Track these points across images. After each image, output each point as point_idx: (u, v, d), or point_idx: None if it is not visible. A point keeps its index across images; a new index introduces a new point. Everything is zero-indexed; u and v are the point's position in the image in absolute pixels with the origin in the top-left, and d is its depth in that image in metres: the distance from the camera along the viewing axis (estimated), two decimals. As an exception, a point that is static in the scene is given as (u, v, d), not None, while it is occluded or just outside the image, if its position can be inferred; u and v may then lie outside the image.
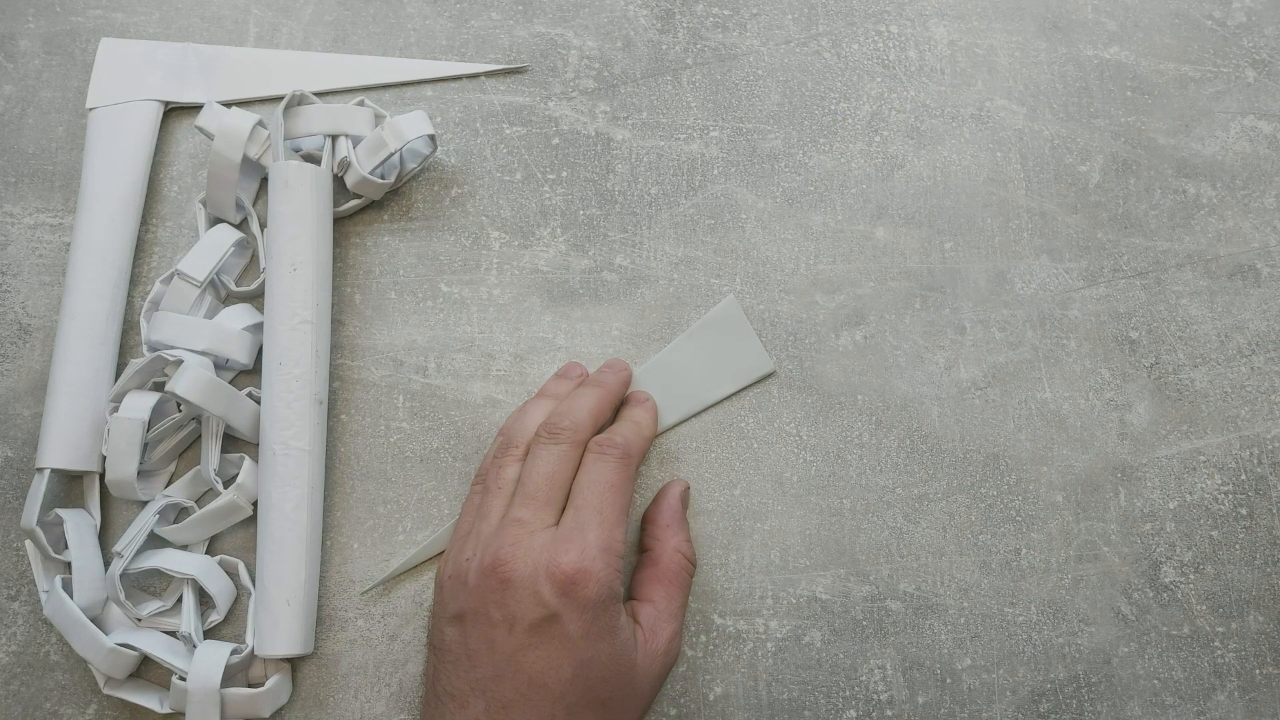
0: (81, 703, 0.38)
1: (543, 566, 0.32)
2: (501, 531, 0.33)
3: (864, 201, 0.44)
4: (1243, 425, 0.42)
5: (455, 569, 0.34)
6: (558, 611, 0.32)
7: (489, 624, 0.32)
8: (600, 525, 0.33)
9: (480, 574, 0.33)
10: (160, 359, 0.37)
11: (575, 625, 0.32)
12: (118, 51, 0.44)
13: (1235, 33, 0.47)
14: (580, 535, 0.33)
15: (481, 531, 0.34)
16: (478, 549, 0.34)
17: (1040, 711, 0.38)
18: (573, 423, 0.36)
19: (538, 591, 0.32)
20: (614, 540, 0.33)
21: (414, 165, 0.43)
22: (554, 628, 0.32)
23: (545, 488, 0.34)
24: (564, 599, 0.32)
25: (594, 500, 0.34)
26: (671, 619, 0.35)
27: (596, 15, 0.46)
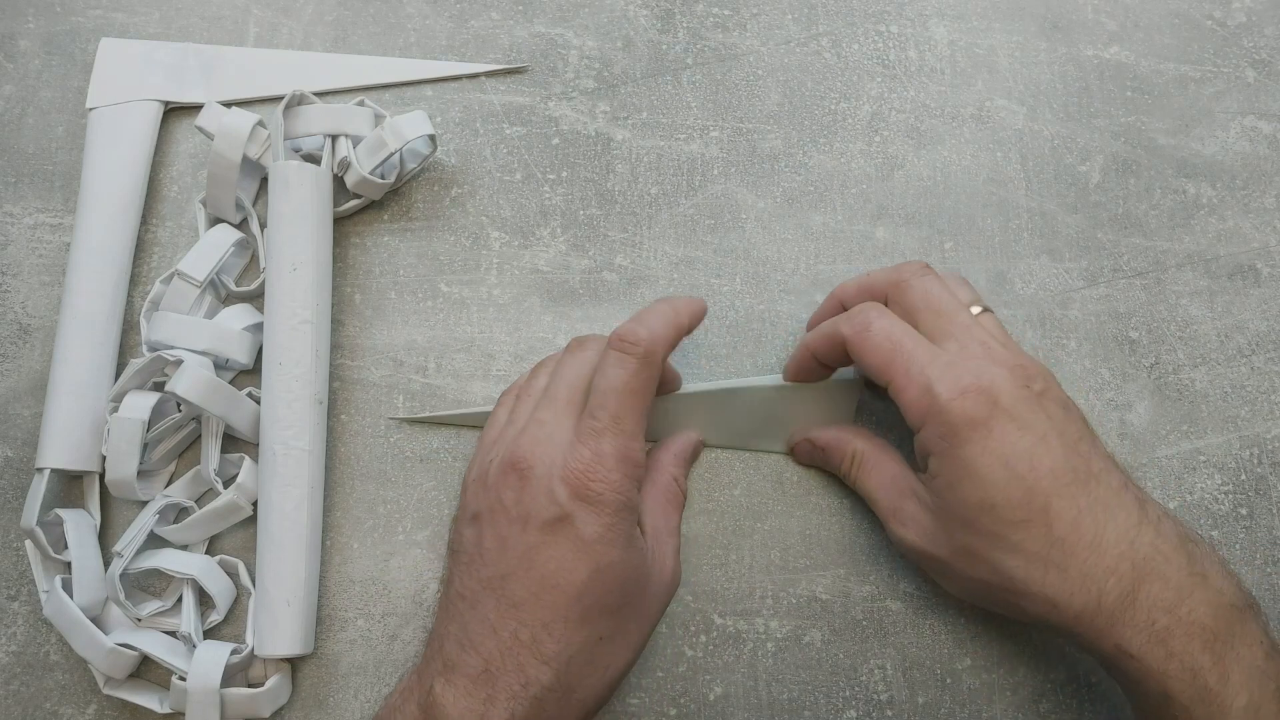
0: (81, 703, 0.38)
1: (558, 466, 0.32)
2: (523, 432, 0.33)
3: (864, 201, 0.44)
4: (1243, 425, 0.42)
5: (479, 471, 0.34)
6: (571, 513, 0.31)
7: (504, 521, 0.32)
8: (617, 433, 0.32)
9: (499, 471, 0.33)
10: (160, 359, 0.37)
11: (589, 529, 0.31)
12: (118, 51, 0.44)
13: (1235, 33, 0.47)
14: (596, 440, 0.32)
15: (507, 434, 0.35)
16: (501, 448, 0.34)
17: (1040, 711, 0.38)
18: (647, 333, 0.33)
19: (552, 490, 0.31)
20: (630, 449, 0.32)
21: (414, 165, 0.43)
22: (567, 529, 0.31)
23: (567, 391, 0.34)
24: (577, 501, 0.31)
25: (613, 405, 0.32)
26: (671, 536, 0.35)
27: (596, 15, 0.46)
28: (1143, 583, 0.31)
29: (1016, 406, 0.32)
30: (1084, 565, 0.31)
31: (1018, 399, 0.32)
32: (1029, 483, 0.31)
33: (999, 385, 0.32)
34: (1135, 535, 0.31)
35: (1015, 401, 0.32)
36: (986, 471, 0.32)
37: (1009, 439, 0.32)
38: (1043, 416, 0.32)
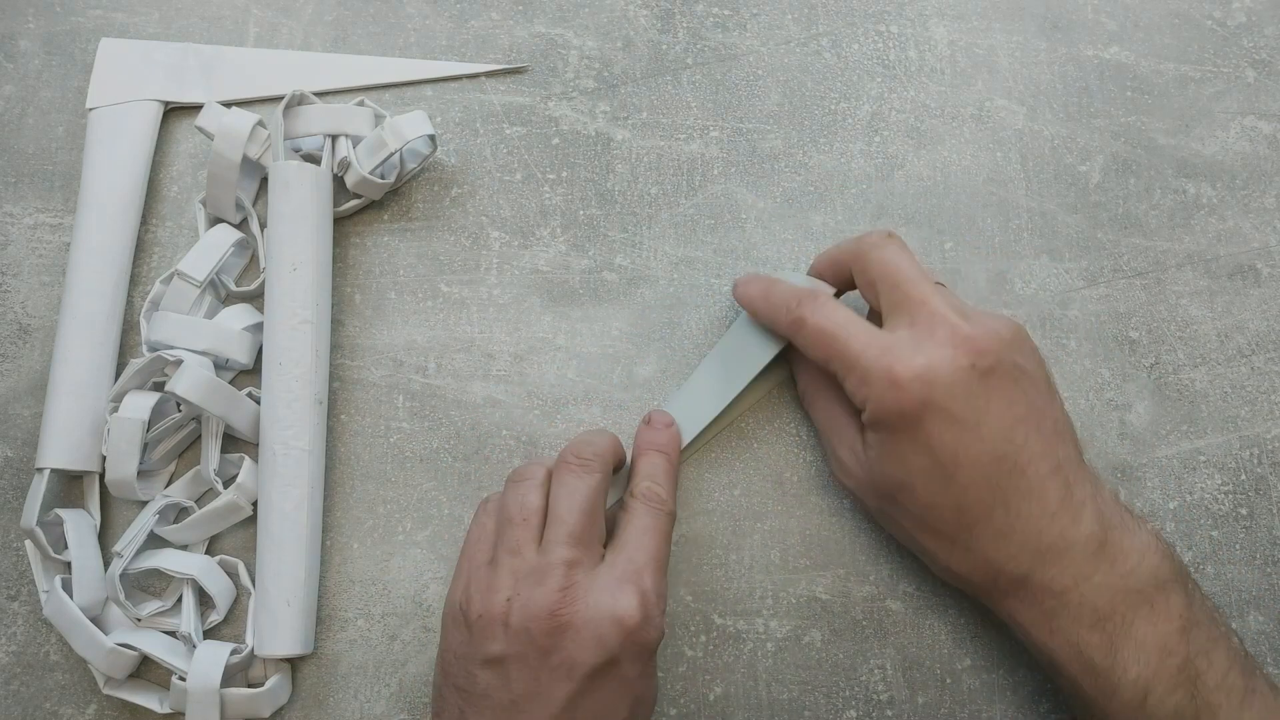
0: (81, 703, 0.38)
1: (605, 612, 0.31)
2: (549, 572, 0.32)
3: (864, 201, 0.44)
4: (1243, 425, 0.42)
5: (486, 607, 0.32)
6: (618, 656, 0.31)
7: (542, 669, 0.31)
8: (655, 574, 0.33)
9: (529, 617, 0.31)
10: (160, 359, 0.37)
11: (632, 669, 0.32)
12: (118, 51, 0.44)
13: (1235, 33, 0.47)
14: (639, 580, 0.32)
15: (517, 569, 0.33)
16: (518, 589, 0.32)
17: (1040, 712, 0.38)
18: (595, 453, 0.35)
19: (601, 636, 0.31)
20: (664, 587, 0.34)
21: (414, 165, 0.43)
22: (614, 671, 0.31)
23: (586, 524, 0.33)
24: (627, 643, 0.31)
25: (650, 547, 0.34)
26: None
27: (596, 15, 0.46)
28: (1039, 568, 0.33)
29: (952, 394, 0.32)
30: (987, 549, 0.33)
31: (955, 384, 0.32)
32: (949, 473, 0.33)
33: (936, 371, 0.32)
34: (1046, 525, 0.33)
35: (951, 388, 0.32)
36: (911, 460, 0.33)
37: (936, 433, 0.32)
38: (980, 401, 0.32)
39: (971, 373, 0.32)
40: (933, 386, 0.32)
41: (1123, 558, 0.32)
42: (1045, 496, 0.33)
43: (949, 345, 0.33)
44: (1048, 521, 0.32)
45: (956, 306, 0.34)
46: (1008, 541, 0.33)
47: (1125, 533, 0.33)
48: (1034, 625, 0.33)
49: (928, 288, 0.34)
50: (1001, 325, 0.34)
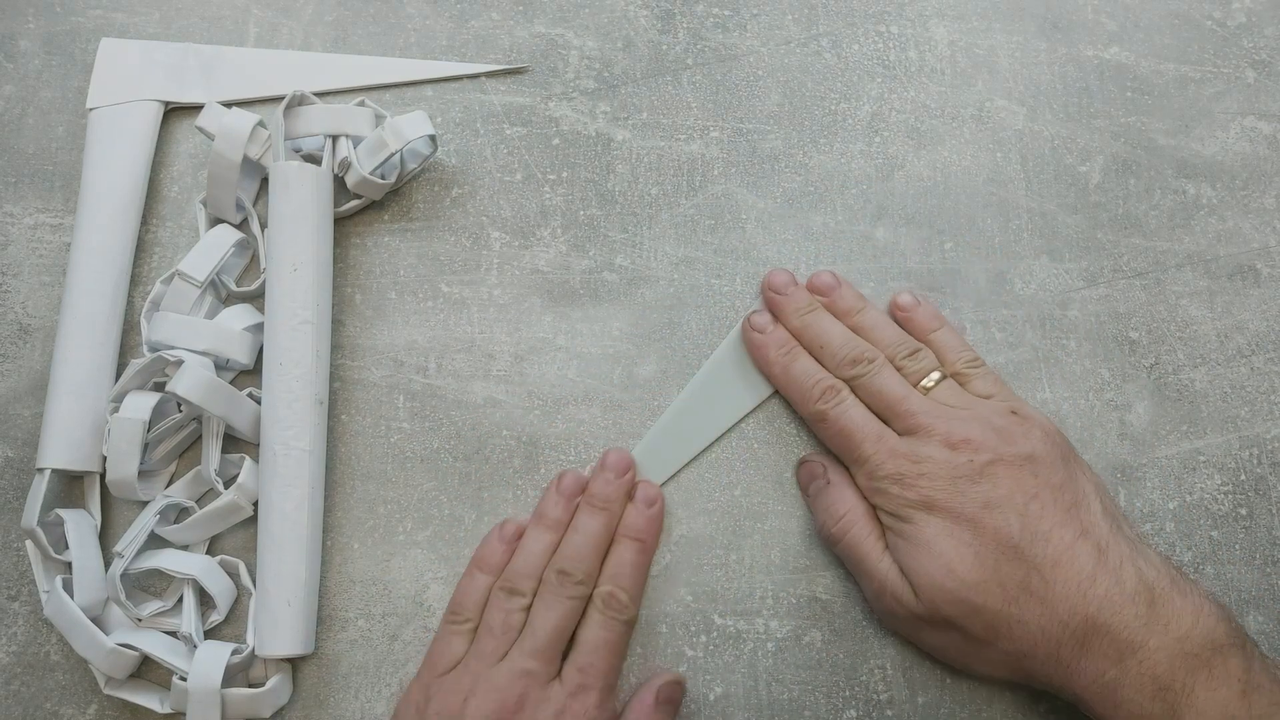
0: (82, 703, 0.38)
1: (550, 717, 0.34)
2: (511, 681, 0.35)
3: (864, 202, 0.44)
4: (1243, 425, 0.42)
5: (444, 704, 0.35)
6: None
7: None
8: (604, 689, 0.36)
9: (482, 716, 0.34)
10: (161, 359, 0.37)
11: None
12: (118, 51, 0.44)
13: (1235, 33, 0.47)
14: (586, 696, 0.35)
15: (479, 672, 0.35)
16: (476, 687, 0.35)
17: (1040, 712, 0.38)
18: (585, 572, 0.37)
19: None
20: (612, 701, 0.36)
21: (414, 165, 0.43)
22: None
23: (554, 641, 0.36)
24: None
25: (600, 664, 0.36)
26: None
27: (596, 15, 0.46)
28: (1092, 638, 0.32)
29: (950, 497, 0.34)
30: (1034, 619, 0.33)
31: (954, 486, 0.34)
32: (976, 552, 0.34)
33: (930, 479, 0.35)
34: (1088, 586, 0.33)
35: (950, 491, 0.34)
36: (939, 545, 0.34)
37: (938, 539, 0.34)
38: (986, 489, 0.34)
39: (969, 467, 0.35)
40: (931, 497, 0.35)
41: (1176, 620, 0.32)
42: (1076, 560, 0.33)
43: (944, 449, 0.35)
44: (1089, 585, 0.33)
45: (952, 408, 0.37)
46: (1051, 606, 0.33)
47: (1177, 595, 0.33)
48: (1097, 699, 0.33)
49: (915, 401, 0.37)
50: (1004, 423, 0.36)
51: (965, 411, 0.36)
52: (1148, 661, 0.32)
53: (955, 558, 0.34)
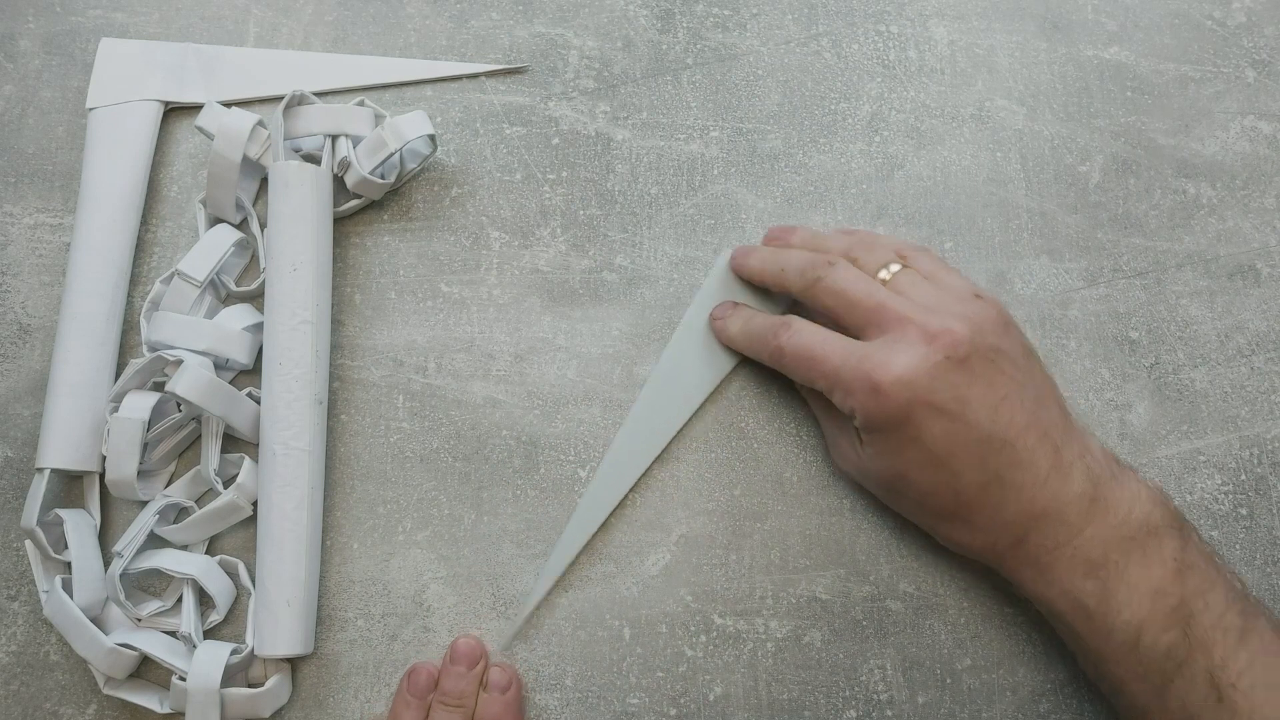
0: (81, 703, 0.38)
1: None
2: None
3: (864, 201, 0.44)
4: (1243, 425, 0.42)
5: None
6: None
7: None
8: None
9: None
10: (160, 359, 0.37)
11: None
12: (118, 51, 0.44)
13: (1235, 33, 0.47)
14: None
15: None
16: None
17: (1040, 711, 0.38)
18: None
19: None
20: None
21: (414, 165, 0.43)
22: None
23: None
24: None
25: None
26: None
27: (596, 15, 0.46)
28: (1034, 530, 0.34)
29: (933, 389, 0.34)
30: (986, 522, 0.35)
31: (935, 379, 0.34)
32: (942, 462, 0.34)
33: (914, 372, 0.34)
34: (1039, 491, 0.34)
35: (932, 383, 0.34)
36: (906, 454, 0.35)
37: (925, 428, 0.34)
38: (961, 390, 0.34)
39: (948, 364, 0.34)
40: (913, 387, 0.33)
41: (1114, 508, 0.34)
42: (1036, 465, 0.34)
43: (922, 344, 0.34)
44: (1040, 487, 0.34)
45: (922, 300, 0.35)
46: (1004, 511, 0.34)
47: (1115, 484, 0.34)
48: (1032, 580, 0.35)
49: (882, 295, 0.35)
50: (970, 309, 0.35)
51: (934, 300, 0.35)
52: (1083, 546, 0.33)
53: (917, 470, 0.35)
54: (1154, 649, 0.32)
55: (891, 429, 0.34)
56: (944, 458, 0.34)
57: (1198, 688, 0.32)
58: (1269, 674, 0.31)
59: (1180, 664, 0.32)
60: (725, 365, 0.41)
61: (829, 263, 0.37)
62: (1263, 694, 0.31)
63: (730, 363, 0.41)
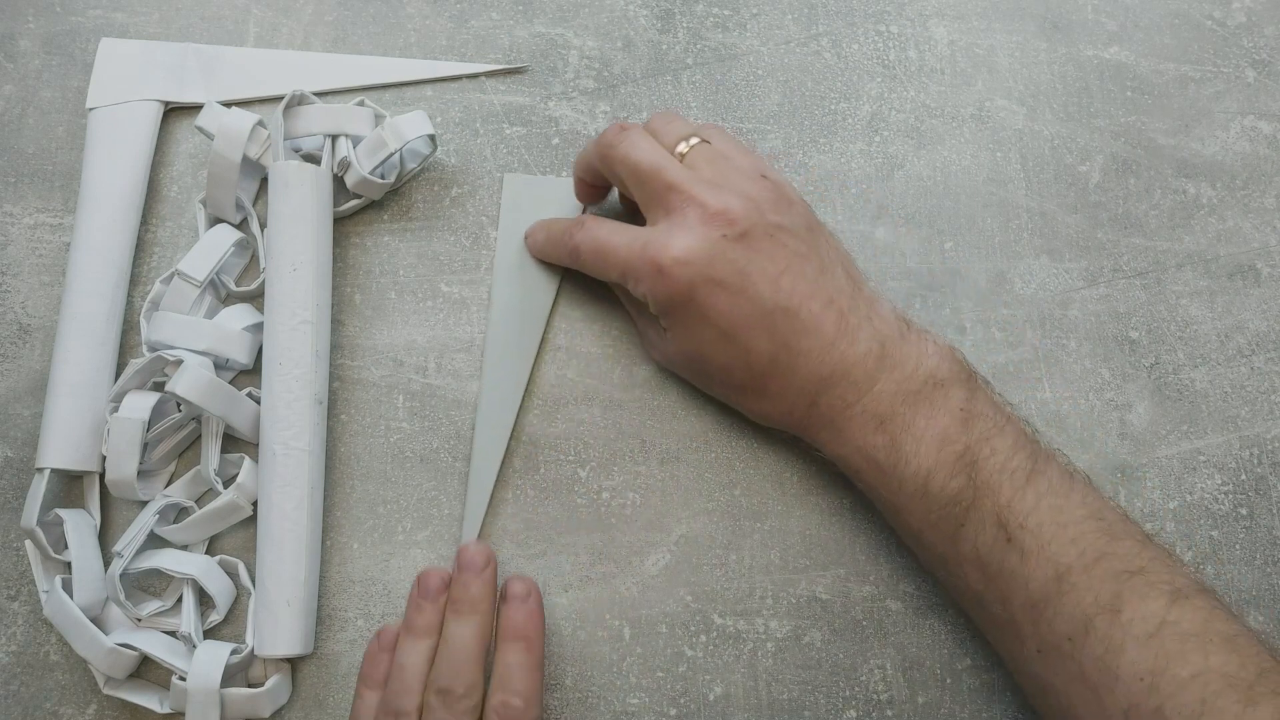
0: (81, 703, 0.38)
1: None
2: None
3: (864, 201, 0.44)
4: (1243, 425, 0.42)
5: None
6: None
7: None
8: None
9: None
10: (160, 359, 0.37)
11: None
12: (118, 51, 0.44)
13: (1235, 33, 0.47)
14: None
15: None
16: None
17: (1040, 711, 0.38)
18: (467, 685, 0.34)
19: None
20: None
21: (414, 165, 0.43)
22: None
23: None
24: None
25: None
26: None
27: (596, 15, 0.46)
28: (824, 391, 0.35)
29: (712, 266, 0.35)
30: (781, 389, 0.36)
31: (714, 257, 0.35)
32: (731, 336, 0.35)
33: (693, 251, 0.35)
34: (826, 354, 0.35)
35: (711, 261, 0.35)
36: (698, 333, 0.36)
37: (710, 304, 0.35)
38: (742, 262, 0.35)
39: (725, 241, 0.35)
40: (693, 265, 0.35)
41: (900, 365, 0.35)
42: (821, 330, 0.35)
43: (700, 224, 0.35)
44: (827, 351, 0.35)
45: (707, 177, 0.36)
46: (795, 378, 0.35)
47: (903, 342, 0.35)
48: (829, 441, 0.36)
49: (672, 171, 0.36)
50: (753, 188, 0.36)
51: (720, 177, 0.36)
52: (872, 403, 0.35)
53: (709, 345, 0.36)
54: (941, 494, 0.33)
55: (680, 308, 0.36)
56: (732, 331, 0.35)
57: (987, 530, 0.33)
58: (1056, 514, 0.32)
59: (968, 508, 0.33)
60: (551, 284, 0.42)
61: (624, 129, 0.38)
62: (1050, 531, 0.32)
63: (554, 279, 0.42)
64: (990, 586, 0.33)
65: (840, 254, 0.37)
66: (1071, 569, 0.31)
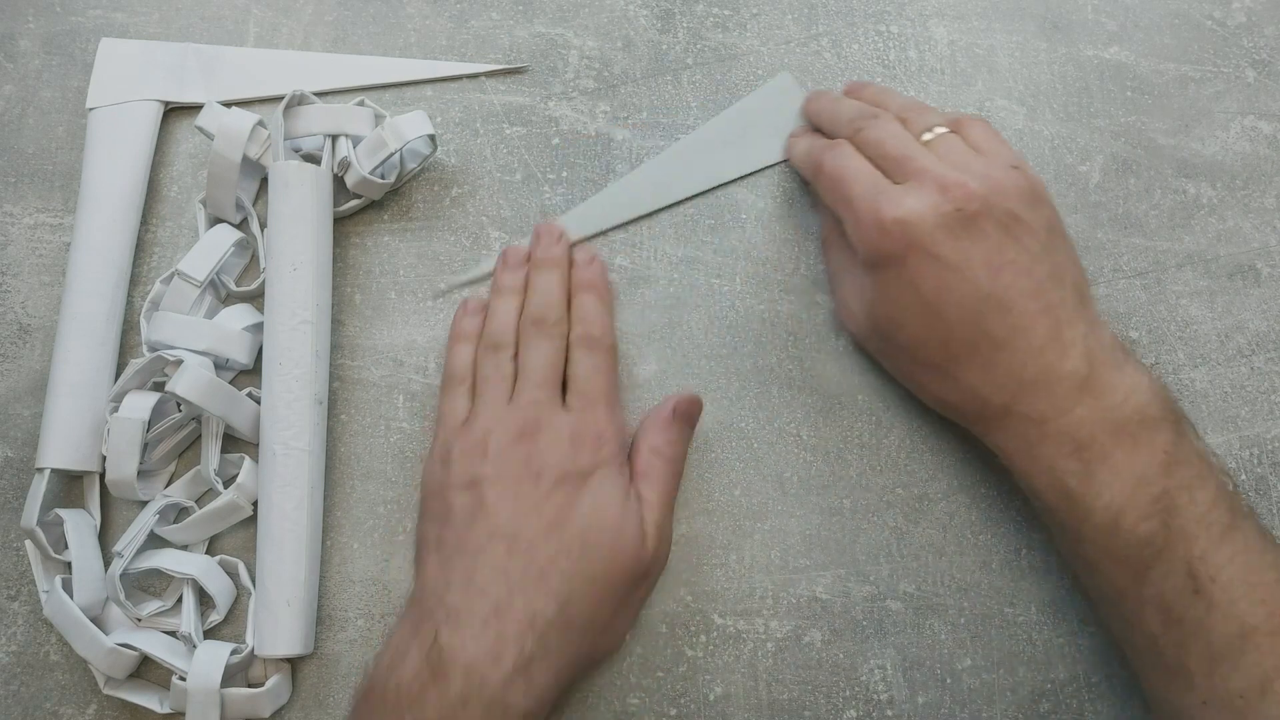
0: (81, 703, 0.38)
1: (567, 431, 0.36)
2: (523, 410, 0.37)
3: (864, 201, 0.44)
4: (1243, 425, 0.42)
5: (468, 444, 0.36)
6: (584, 468, 0.35)
7: (513, 481, 0.35)
8: (608, 404, 0.38)
9: (506, 442, 0.36)
10: (160, 359, 0.37)
11: (596, 478, 0.36)
12: (118, 51, 0.44)
13: (1235, 33, 0.47)
14: (594, 411, 0.37)
15: (492, 413, 0.37)
16: (494, 425, 0.36)
17: (1040, 712, 0.38)
18: (556, 316, 0.39)
19: (564, 451, 0.36)
20: (618, 417, 0.38)
21: (414, 165, 0.43)
22: (578, 480, 0.35)
23: (551, 376, 0.38)
24: (590, 458, 0.36)
25: (597, 385, 0.38)
26: (656, 505, 0.37)
27: (596, 15, 0.46)
28: (1022, 398, 0.34)
29: (934, 237, 0.34)
30: (973, 380, 0.35)
31: (939, 228, 0.34)
32: (935, 310, 0.35)
33: (919, 215, 0.34)
34: (1031, 359, 0.34)
35: (934, 231, 0.34)
36: (898, 297, 0.36)
37: (920, 271, 0.35)
38: (965, 244, 0.34)
39: (955, 216, 0.34)
40: (914, 229, 0.34)
41: (1109, 393, 0.34)
42: (1031, 332, 0.34)
43: (936, 193, 0.35)
44: (1033, 356, 0.34)
45: (953, 160, 0.36)
46: (993, 373, 0.35)
47: (1116, 370, 0.34)
48: (1016, 453, 0.35)
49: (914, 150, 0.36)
50: (1000, 174, 0.35)
51: (964, 162, 0.36)
52: (1070, 425, 0.34)
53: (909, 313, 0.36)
54: (1132, 534, 0.32)
55: (888, 267, 0.35)
56: (936, 305, 0.35)
57: (1175, 577, 0.32)
58: (1248, 573, 0.32)
59: (1159, 551, 0.32)
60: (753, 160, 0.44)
61: (875, 115, 0.38)
62: (1240, 590, 0.31)
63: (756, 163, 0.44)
64: (1168, 631, 0.32)
65: (1076, 269, 0.36)
66: (1257, 629, 0.31)
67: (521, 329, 0.39)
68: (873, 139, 0.38)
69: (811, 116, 0.43)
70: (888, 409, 0.41)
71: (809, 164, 0.40)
